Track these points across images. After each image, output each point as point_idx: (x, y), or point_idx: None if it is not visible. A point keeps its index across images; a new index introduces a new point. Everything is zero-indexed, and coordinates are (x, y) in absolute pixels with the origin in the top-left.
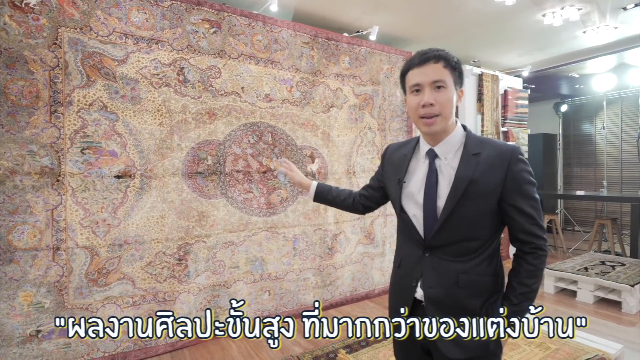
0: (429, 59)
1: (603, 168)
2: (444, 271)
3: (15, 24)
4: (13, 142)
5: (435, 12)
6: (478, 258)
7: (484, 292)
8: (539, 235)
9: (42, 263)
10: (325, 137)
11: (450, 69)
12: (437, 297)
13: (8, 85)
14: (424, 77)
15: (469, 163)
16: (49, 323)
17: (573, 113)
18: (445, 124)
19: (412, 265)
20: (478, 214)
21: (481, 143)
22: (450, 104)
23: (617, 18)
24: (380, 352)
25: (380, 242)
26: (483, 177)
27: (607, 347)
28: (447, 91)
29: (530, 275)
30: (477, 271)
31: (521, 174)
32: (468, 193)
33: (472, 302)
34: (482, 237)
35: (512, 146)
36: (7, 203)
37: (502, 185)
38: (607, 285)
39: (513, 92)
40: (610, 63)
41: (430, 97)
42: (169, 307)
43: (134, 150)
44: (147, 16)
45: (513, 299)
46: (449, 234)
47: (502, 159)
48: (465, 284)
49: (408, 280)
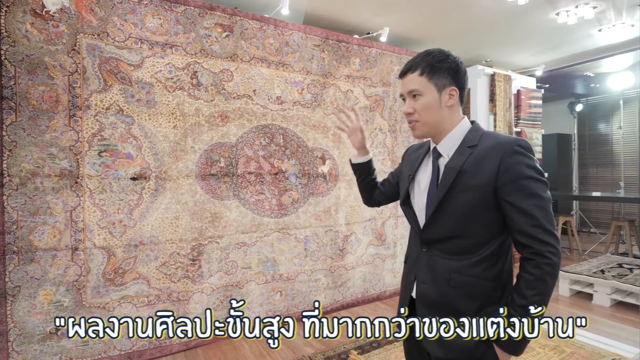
0: (407, 70)
1: (620, 168)
2: (437, 268)
3: (36, 31)
4: (34, 145)
5: (446, 12)
6: (474, 258)
7: (479, 296)
8: (542, 239)
9: (61, 263)
10: (336, 138)
11: (426, 75)
12: (428, 294)
13: (29, 90)
14: (403, 88)
15: (462, 154)
16: None
17: (588, 112)
18: (426, 128)
19: (414, 260)
20: (469, 207)
21: (482, 136)
22: (427, 109)
23: (634, 15)
24: (392, 353)
25: (391, 244)
26: (473, 169)
27: (624, 351)
28: (422, 98)
29: (528, 285)
30: (471, 272)
31: (517, 167)
32: (457, 184)
33: (465, 305)
34: (478, 236)
35: (513, 138)
36: (28, 204)
37: (495, 178)
38: (625, 289)
39: (526, 92)
40: (627, 61)
41: (408, 106)
42: (183, 306)
43: (149, 152)
44: (161, 21)
45: (511, 310)
46: (440, 227)
47: (496, 150)
48: (458, 284)
49: (409, 276)
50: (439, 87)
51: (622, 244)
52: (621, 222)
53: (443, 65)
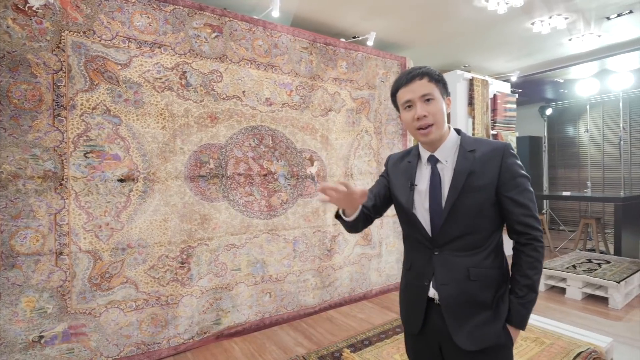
0: (415, 77)
1: (587, 169)
2: (454, 267)
3: (18, 27)
4: (16, 146)
5: (430, 19)
6: (485, 251)
7: (493, 284)
8: (535, 226)
9: (45, 268)
10: (324, 140)
11: (434, 82)
12: (450, 293)
13: (11, 88)
14: (412, 93)
15: (467, 158)
16: (52, 328)
17: (557, 116)
18: (440, 131)
19: (423, 265)
20: (479, 205)
21: (475, 142)
22: (441, 112)
23: (601, 27)
24: (383, 350)
25: (377, 243)
26: (481, 170)
27: (598, 341)
28: (436, 102)
29: (530, 266)
30: (485, 264)
31: (514, 167)
32: (468, 185)
33: (484, 295)
34: (485, 230)
35: (504, 143)
36: (9, 207)
37: (497, 177)
38: (595, 282)
39: (502, 97)
40: (593, 69)
41: (422, 109)
42: (172, 310)
43: (137, 153)
44: (150, 20)
45: (518, 291)
46: (453, 227)
47: (495, 153)
48: (476, 277)
49: (420, 281)
50: (442, 94)
51: (589, 241)
52: (588, 220)
53: (440, 77)
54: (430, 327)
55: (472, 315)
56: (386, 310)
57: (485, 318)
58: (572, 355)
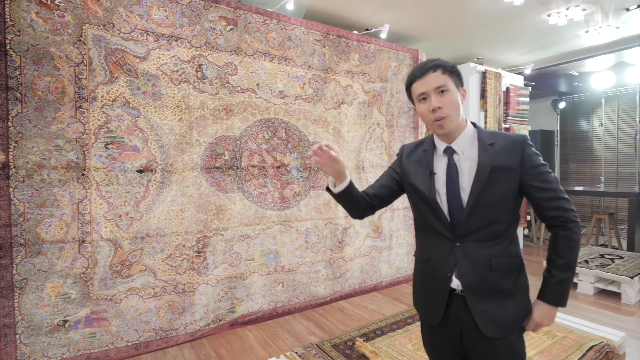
0: (428, 70)
1: (600, 164)
2: (476, 257)
3: (41, 20)
4: (40, 137)
5: (444, 11)
6: (505, 241)
7: (513, 272)
8: (566, 207)
9: (68, 255)
10: (335, 133)
11: (448, 74)
12: (474, 282)
13: (35, 81)
14: (427, 86)
15: (488, 152)
16: (75, 313)
17: (571, 110)
18: (455, 122)
19: (444, 257)
20: (502, 196)
21: (492, 135)
22: (456, 104)
23: (619, 18)
24: (395, 340)
25: (387, 236)
26: (503, 162)
27: (610, 335)
28: (451, 93)
29: (565, 247)
30: (506, 253)
31: (534, 157)
32: (492, 177)
33: (505, 282)
34: (506, 220)
35: (522, 134)
36: (35, 196)
37: (520, 167)
38: (607, 277)
39: (515, 90)
40: (609, 61)
41: (436, 101)
42: (189, 298)
43: (155, 145)
44: (167, 13)
45: (554, 271)
46: (476, 219)
47: (515, 145)
48: (498, 267)
49: (442, 273)
50: (456, 86)
51: (601, 236)
52: (601, 215)
53: (454, 69)
54: (451, 318)
55: (495, 303)
56: (396, 301)
57: (508, 306)
58: (585, 349)
